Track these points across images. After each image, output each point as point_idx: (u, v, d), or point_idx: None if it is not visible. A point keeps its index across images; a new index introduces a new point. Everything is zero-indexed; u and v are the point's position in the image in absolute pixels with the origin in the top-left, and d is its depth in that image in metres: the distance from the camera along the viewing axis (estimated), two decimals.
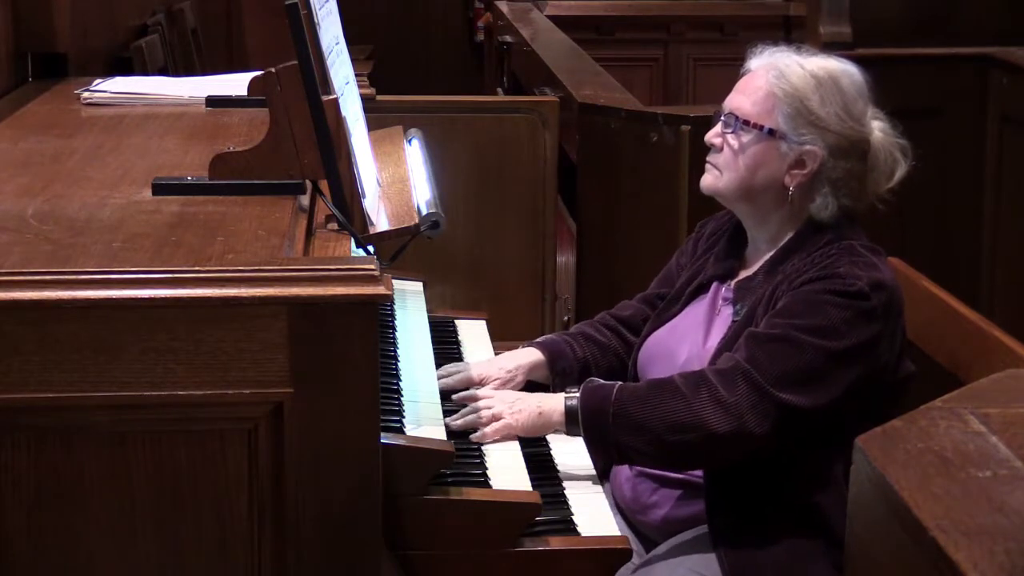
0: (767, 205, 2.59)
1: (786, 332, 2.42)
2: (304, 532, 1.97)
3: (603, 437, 2.48)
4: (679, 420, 2.41)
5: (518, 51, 6.18)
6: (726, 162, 2.59)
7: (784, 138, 2.54)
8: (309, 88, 2.24)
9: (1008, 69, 4.92)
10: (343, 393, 1.94)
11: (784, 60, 2.58)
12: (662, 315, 2.74)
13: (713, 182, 2.62)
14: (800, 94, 2.53)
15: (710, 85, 7.28)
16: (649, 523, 2.63)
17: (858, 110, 2.55)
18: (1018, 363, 2.44)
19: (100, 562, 1.96)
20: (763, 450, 2.44)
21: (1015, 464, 1.53)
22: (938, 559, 1.36)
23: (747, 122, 2.56)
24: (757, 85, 2.58)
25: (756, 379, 2.40)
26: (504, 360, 2.80)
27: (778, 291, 2.51)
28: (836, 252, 2.50)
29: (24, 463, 1.92)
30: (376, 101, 3.87)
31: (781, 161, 2.55)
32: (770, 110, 2.55)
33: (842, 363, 2.42)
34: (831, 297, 2.43)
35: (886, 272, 2.50)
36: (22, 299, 1.87)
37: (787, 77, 2.54)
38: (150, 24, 5.23)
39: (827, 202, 2.55)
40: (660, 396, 2.44)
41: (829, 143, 2.53)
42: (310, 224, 2.34)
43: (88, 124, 3.06)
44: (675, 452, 2.44)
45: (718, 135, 2.61)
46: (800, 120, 2.53)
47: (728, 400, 2.40)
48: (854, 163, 2.54)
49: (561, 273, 4.30)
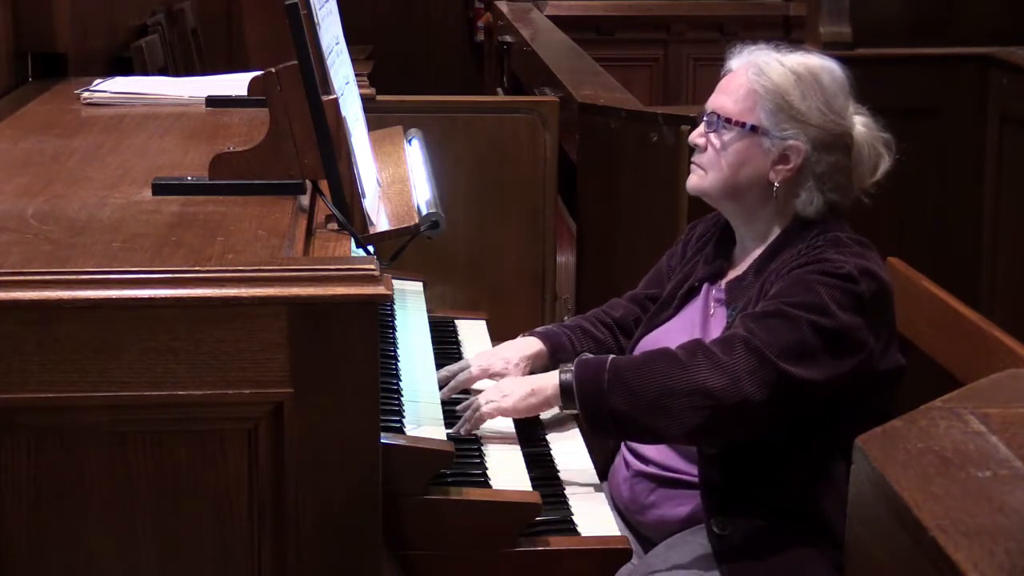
0: (753, 203, 2.60)
1: (779, 307, 2.43)
2: (304, 532, 1.97)
3: (598, 407, 2.45)
4: (675, 384, 2.39)
5: (518, 51, 6.17)
6: (710, 161, 2.60)
7: (766, 134, 2.55)
8: (309, 88, 2.24)
9: (1008, 69, 4.92)
10: (343, 393, 1.94)
11: (763, 58, 2.60)
12: (654, 319, 2.73)
13: (698, 182, 2.63)
14: (781, 89, 2.55)
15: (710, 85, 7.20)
16: (647, 523, 2.63)
17: (839, 104, 2.57)
18: (1018, 363, 2.44)
19: (100, 562, 1.96)
20: (762, 424, 2.42)
21: (1015, 464, 1.53)
22: (938, 559, 1.36)
23: (729, 120, 2.57)
24: (738, 83, 2.59)
25: (756, 345, 2.39)
26: (507, 350, 2.80)
27: (766, 285, 2.52)
28: (823, 243, 2.52)
29: (24, 463, 1.92)
30: (376, 101, 3.86)
31: (765, 157, 2.56)
32: (752, 107, 2.56)
33: (833, 341, 2.42)
34: (820, 277, 2.45)
35: (873, 261, 2.52)
36: (22, 299, 1.87)
37: (767, 74, 2.56)
38: (150, 24, 5.23)
39: (812, 197, 2.56)
40: (656, 362, 2.44)
41: (812, 137, 2.54)
42: (310, 224, 2.34)
43: (88, 124, 3.06)
44: (672, 419, 2.39)
45: (701, 135, 2.62)
46: (782, 115, 2.54)
47: (726, 363, 2.39)
48: (838, 157, 2.56)
49: (561, 273, 4.30)
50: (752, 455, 2.48)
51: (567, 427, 2.74)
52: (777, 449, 2.47)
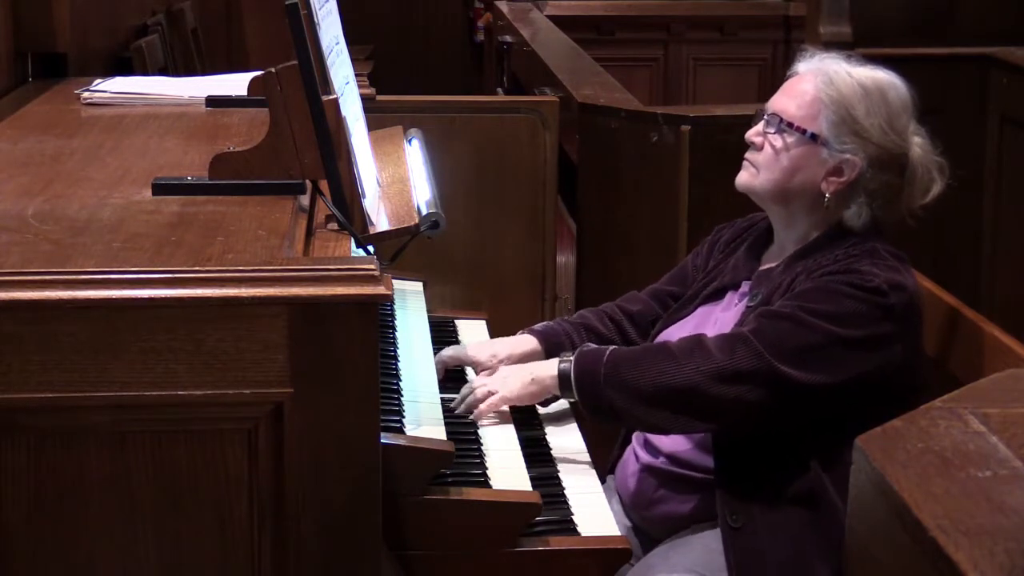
0: (800, 209, 2.60)
1: (795, 312, 2.43)
2: (304, 532, 1.97)
3: (596, 398, 2.49)
4: (669, 381, 2.42)
5: (518, 51, 6.17)
6: (766, 161, 2.59)
7: (826, 144, 2.54)
8: (309, 88, 2.24)
9: (1008, 69, 4.92)
10: (343, 393, 1.94)
11: (833, 67, 2.58)
12: (674, 316, 2.74)
13: (749, 180, 2.62)
14: (847, 102, 2.53)
15: (710, 85, 7.28)
16: (652, 518, 2.63)
17: (901, 124, 2.56)
18: (1018, 363, 2.44)
19: (100, 562, 1.96)
20: (765, 425, 2.44)
21: (1015, 464, 1.53)
22: (938, 559, 1.36)
23: (791, 124, 2.56)
24: (804, 89, 2.57)
25: (755, 346, 2.40)
26: (498, 347, 2.81)
27: (796, 281, 2.51)
28: (858, 252, 2.52)
29: (24, 463, 1.92)
30: (376, 101, 3.86)
31: (820, 167, 2.55)
32: (815, 115, 2.55)
33: (848, 349, 2.42)
34: (848, 289, 2.44)
35: (908, 277, 2.51)
36: (22, 299, 1.87)
37: (835, 84, 2.54)
38: (150, 24, 5.23)
39: (861, 211, 2.55)
40: (652, 358, 2.46)
41: (870, 154, 2.53)
42: (310, 224, 2.33)
43: (88, 124, 3.05)
44: (665, 414, 2.44)
45: (759, 134, 2.61)
46: (844, 128, 2.53)
47: (721, 362, 2.40)
48: (892, 176, 2.55)
49: (561, 273, 4.30)
50: (768, 449, 2.48)
51: (567, 427, 2.74)
52: (793, 444, 2.48)
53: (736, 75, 7.33)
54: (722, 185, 2.73)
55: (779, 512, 2.48)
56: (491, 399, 2.61)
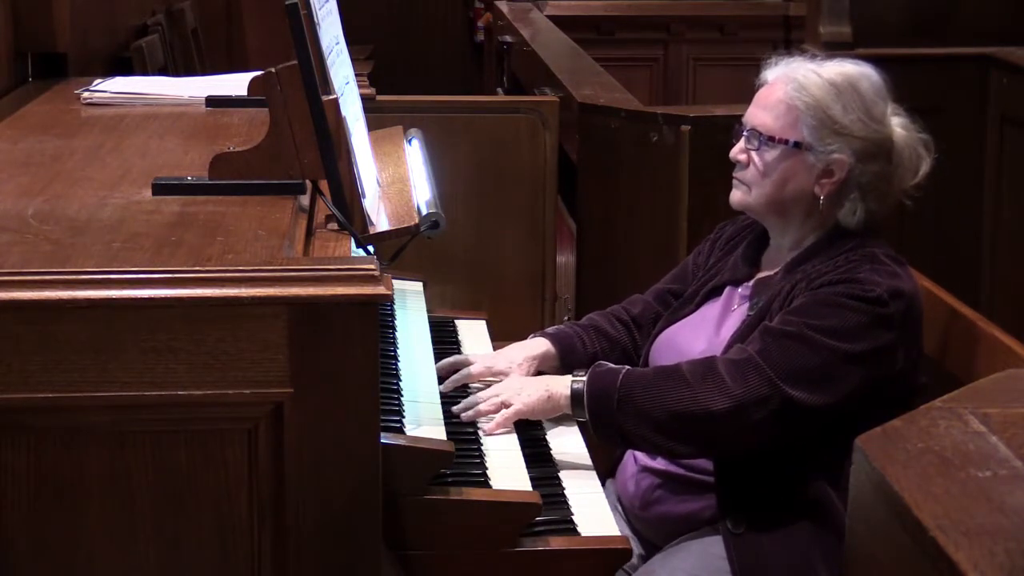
0: (797, 215, 2.59)
1: (800, 330, 2.42)
2: (304, 532, 1.97)
3: (608, 422, 2.49)
4: (683, 409, 2.42)
5: (518, 51, 6.17)
6: (754, 178, 2.58)
7: (810, 149, 2.53)
8: (309, 88, 2.24)
9: (1008, 69, 4.92)
10: (343, 393, 1.94)
11: (801, 71, 2.57)
12: (675, 314, 2.74)
13: (743, 198, 2.61)
14: (822, 104, 2.52)
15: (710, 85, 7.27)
16: (650, 520, 2.63)
17: (879, 111, 2.55)
18: (1018, 363, 2.44)
19: (100, 562, 1.96)
20: (768, 446, 2.44)
21: (1015, 464, 1.53)
22: (938, 559, 1.36)
23: (771, 138, 2.55)
24: (777, 98, 2.56)
25: (767, 373, 2.40)
26: (513, 352, 2.79)
27: (796, 289, 2.51)
28: (857, 258, 2.50)
29: (24, 463, 1.92)
30: (376, 101, 3.86)
31: (809, 173, 2.55)
32: (793, 123, 2.54)
33: (853, 365, 2.42)
34: (848, 300, 2.43)
35: (907, 282, 2.50)
36: (22, 299, 1.87)
37: (807, 88, 2.53)
38: (150, 24, 5.23)
39: (855, 207, 2.55)
40: (666, 384, 2.45)
41: (855, 149, 2.52)
42: (310, 224, 2.33)
43: (88, 124, 3.05)
44: (679, 441, 2.45)
45: (743, 151, 2.60)
46: (825, 130, 2.52)
47: (735, 392, 2.40)
48: (881, 165, 2.55)
49: (561, 273, 4.30)
50: (769, 455, 2.48)
51: (567, 427, 2.74)
52: (795, 449, 2.48)
53: (736, 75, 7.29)
54: (722, 185, 2.73)
55: (781, 517, 2.48)
56: (506, 412, 2.57)
